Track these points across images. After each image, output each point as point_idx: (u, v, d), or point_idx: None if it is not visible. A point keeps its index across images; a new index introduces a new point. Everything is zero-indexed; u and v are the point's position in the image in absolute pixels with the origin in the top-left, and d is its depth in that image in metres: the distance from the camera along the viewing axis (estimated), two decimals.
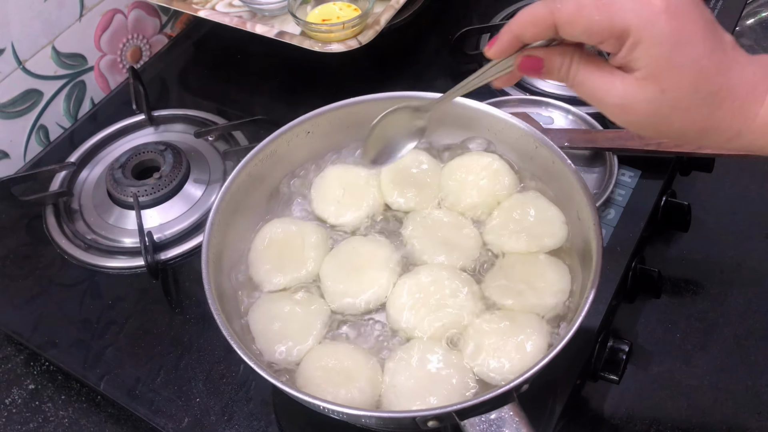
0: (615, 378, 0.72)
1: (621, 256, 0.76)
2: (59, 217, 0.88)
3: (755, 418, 0.74)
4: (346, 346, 0.63)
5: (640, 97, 0.44)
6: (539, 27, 0.46)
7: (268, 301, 0.65)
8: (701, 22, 0.44)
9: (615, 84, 0.45)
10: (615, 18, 0.43)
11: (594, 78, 0.46)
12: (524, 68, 0.49)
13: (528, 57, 0.49)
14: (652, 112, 0.45)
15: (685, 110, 0.44)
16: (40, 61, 0.96)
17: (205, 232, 0.63)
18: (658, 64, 0.43)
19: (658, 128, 0.46)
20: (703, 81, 0.44)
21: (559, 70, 0.48)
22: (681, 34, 0.43)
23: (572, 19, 0.45)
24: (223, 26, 0.95)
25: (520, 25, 0.47)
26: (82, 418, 0.76)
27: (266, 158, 0.70)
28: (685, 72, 0.43)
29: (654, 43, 0.43)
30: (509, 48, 0.49)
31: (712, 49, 0.44)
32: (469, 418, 0.51)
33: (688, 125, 0.45)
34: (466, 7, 1.11)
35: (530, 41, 0.48)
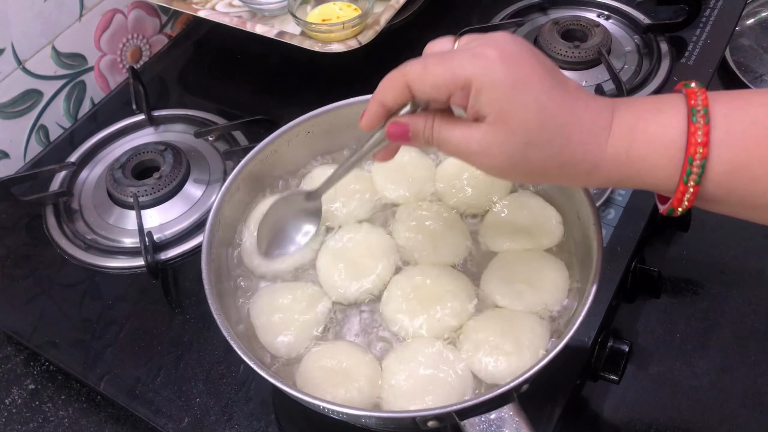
0: (615, 378, 0.72)
1: (621, 256, 0.76)
2: (59, 217, 0.88)
3: (755, 418, 0.74)
4: (346, 344, 0.63)
5: (495, 140, 0.47)
6: (396, 89, 0.50)
7: (269, 293, 0.66)
8: (538, 66, 0.47)
9: (472, 133, 0.48)
10: (456, 70, 0.47)
11: (454, 132, 0.49)
12: (392, 135, 0.52)
13: (393, 123, 0.52)
14: (509, 152, 0.47)
15: (537, 146, 0.47)
16: (40, 61, 0.96)
17: (205, 232, 0.63)
18: (502, 106, 0.46)
19: (520, 168, 0.48)
20: (547, 116, 0.46)
21: (423, 131, 0.51)
22: (517, 76, 0.46)
23: (420, 77, 0.49)
24: (223, 26, 0.95)
25: (380, 92, 0.52)
26: (82, 418, 0.76)
27: (266, 158, 0.70)
28: (529, 109, 0.46)
29: (494, 87, 0.46)
30: (377, 117, 0.53)
31: (551, 86, 0.47)
32: (469, 418, 0.51)
33: (546, 161, 0.47)
34: (466, 7, 1.11)
35: (392, 105, 0.52)
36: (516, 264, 0.65)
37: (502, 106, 0.46)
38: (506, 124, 0.46)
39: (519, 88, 0.46)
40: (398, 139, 0.53)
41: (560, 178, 0.49)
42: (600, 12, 1.06)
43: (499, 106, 0.46)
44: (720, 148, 0.44)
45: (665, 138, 0.46)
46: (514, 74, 0.46)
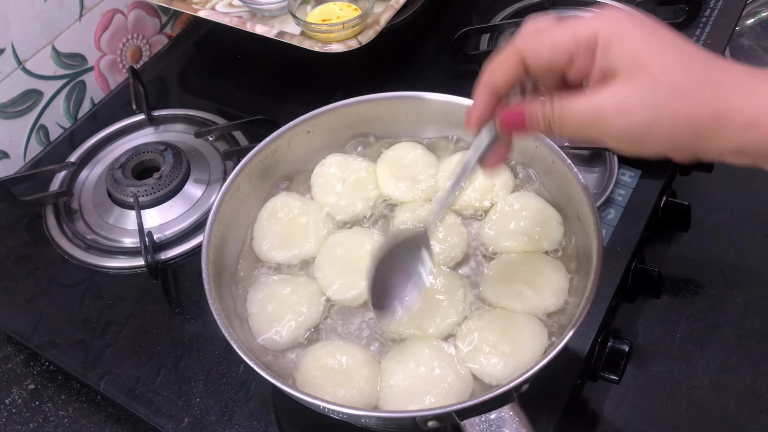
0: (615, 378, 0.72)
1: (621, 256, 0.76)
2: (59, 217, 0.88)
3: (755, 418, 0.74)
4: (346, 344, 0.63)
5: (633, 93, 0.41)
6: (507, 65, 0.45)
7: (267, 285, 0.66)
8: (662, 25, 0.43)
9: (601, 95, 0.42)
10: (577, 29, 0.43)
11: (578, 104, 0.43)
12: (507, 124, 0.47)
13: (506, 111, 0.47)
14: (652, 105, 0.41)
15: (684, 93, 0.41)
16: (40, 61, 0.96)
17: (205, 232, 0.63)
18: (638, 54, 0.41)
19: (666, 123, 0.41)
20: (691, 58, 0.41)
21: (543, 114, 0.45)
22: (647, 26, 0.42)
23: (536, 44, 0.44)
24: (223, 26, 0.95)
25: (488, 74, 0.46)
26: (82, 418, 0.76)
27: (266, 158, 0.71)
28: (668, 52, 0.41)
29: (625, 36, 0.41)
30: (487, 107, 0.47)
31: (684, 40, 0.42)
32: (469, 418, 0.51)
33: (697, 109, 0.41)
34: (466, 7, 1.11)
35: (503, 87, 0.46)
36: (515, 265, 0.65)
37: (638, 53, 0.41)
38: (645, 72, 0.41)
39: (653, 35, 0.41)
40: (515, 127, 0.46)
41: (711, 136, 0.41)
42: None
43: (635, 54, 0.41)
44: None
45: None
46: (643, 25, 0.42)
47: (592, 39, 0.42)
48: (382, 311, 0.58)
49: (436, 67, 1.02)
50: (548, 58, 0.44)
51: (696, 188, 0.93)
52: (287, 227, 0.69)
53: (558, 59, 0.43)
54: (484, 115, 0.48)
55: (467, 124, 0.49)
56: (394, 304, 0.58)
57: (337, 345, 0.63)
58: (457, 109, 0.72)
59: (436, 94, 0.72)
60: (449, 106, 0.72)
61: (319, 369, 0.60)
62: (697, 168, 0.90)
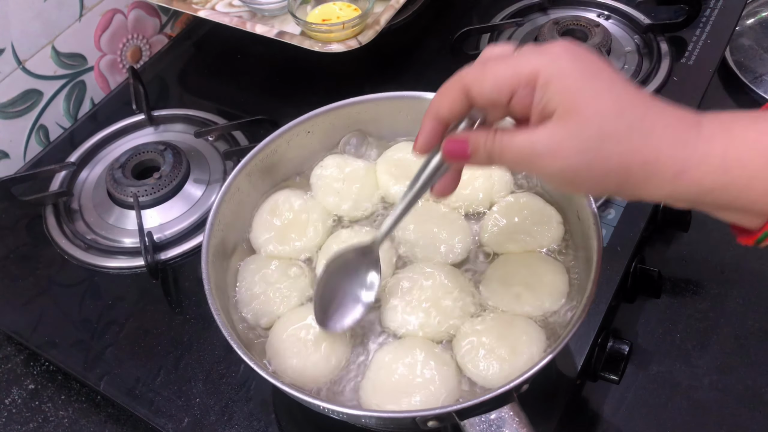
0: (615, 378, 0.72)
1: (621, 256, 0.76)
2: (59, 217, 0.88)
3: (755, 418, 0.74)
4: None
5: (566, 135, 0.42)
6: (451, 97, 0.46)
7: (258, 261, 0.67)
8: (606, 64, 0.43)
9: (538, 133, 0.43)
10: (519, 66, 0.43)
11: (516, 138, 0.44)
12: (450, 152, 0.48)
13: (450, 140, 0.48)
14: (582, 147, 0.42)
15: (615, 139, 0.41)
16: (40, 61, 0.96)
17: (205, 232, 0.63)
18: (573, 96, 0.41)
19: (596, 167, 0.42)
20: (625, 105, 0.42)
21: (484, 144, 0.46)
22: (587, 67, 0.42)
23: (479, 77, 0.44)
24: (223, 26, 0.95)
25: (434, 104, 0.47)
26: (82, 418, 0.76)
27: (266, 158, 0.70)
28: (603, 97, 0.42)
29: (563, 77, 0.42)
30: (433, 135, 0.48)
31: (624, 82, 0.43)
32: (469, 418, 0.51)
33: (626, 156, 0.41)
34: (466, 7, 1.11)
35: (449, 117, 0.47)
36: (516, 266, 0.65)
37: (574, 95, 0.41)
38: (578, 115, 0.41)
39: (590, 78, 0.42)
40: (457, 157, 0.48)
41: (641, 183, 0.42)
42: (600, 12, 1.06)
43: (571, 95, 0.41)
44: None
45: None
46: (584, 66, 0.42)
47: (533, 77, 0.42)
48: (324, 327, 0.61)
49: (436, 67, 1.02)
50: (489, 93, 0.44)
51: None
52: (287, 223, 0.69)
53: (499, 94, 0.44)
54: (429, 142, 0.49)
55: (413, 149, 0.50)
56: (334, 320, 0.61)
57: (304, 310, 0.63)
58: None
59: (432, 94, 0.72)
60: None
61: (288, 337, 0.61)
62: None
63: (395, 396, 0.58)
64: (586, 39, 0.97)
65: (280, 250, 0.68)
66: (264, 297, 0.65)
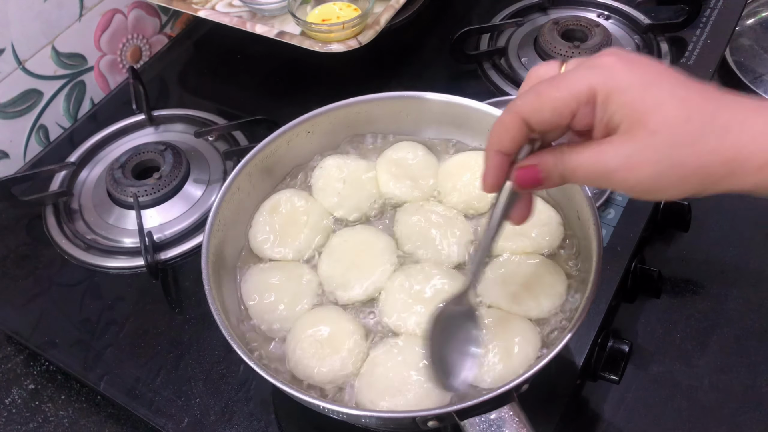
0: (615, 378, 0.72)
1: (621, 256, 0.76)
2: (59, 217, 0.88)
3: (755, 418, 0.74)
4: (332, 311, 0.63)
5: (634, 149, 0.41)
6: (512, 130, 0.45)
7: (260, 272, 0.67)
8: (662, 66, 0.43)
9: (605, 149, 0.42)
10: (575, 87, 0.42)
11: (586, 155, 0.43)
12: (523, 181, 0.47)
13: (520, 169, 0.47)
14: (654, 159, 0.41)
15: (688, 145, 0.40)
16: (40, 61, 0.96)
17: (205, 232, 0.63)
18: (636, 108, 0.41)
19: (672, 176, 0.41)
20: (691, 107, 0.41)
21: (554, 167, 0.45)
22: (645, 75, 0.42)
23: (536, 106, 0.44)
24: (223, 26, 0.95)
25: (494, 139, 0.47)
26: (82, 418, 0.76)
27: (266, 158, 0.70)
28: (667, 104, 0.41)
29: (622, 90, 0.41)
30: (499, 170, 0.47)
31: (685, 81, 0.42)
32: (469, 418, 0.51)
33: (704, 159, 0.41)
34: (466, 7, 1.11)
35: (512, 149, 0.47)
36: (513, 267, 0.65)
37: (636, 107, 0.41)
38: (644, 127, 0.40)
39: (650, 85, 0.41)
40: (530, 184, 0.47)
41: (723, 180, 0.42)
42: (600, 12, 1.06)
43: (633, 108, 0.41)
44: None
45: None
46: (641, 74, 0.41)
47: (591, 95, 0.42)
48: (447, 387, 0.56)
49: (436, 67, 1.02)
50: (550, 119, 0.44)
51: None
52: (287, 223, 0.69)
53: (560, 119, 0.44)
54: (499, 179, 0.48)
55: (483, 190, 0.49)
56: (452, 379, 0.55)
57: (323, 312, 0.63)
58: (458, 110, 0.72)
59: (436, 94, 0.72)
60: (449, 106, 0.72)
61: (307, 338, 0.61)
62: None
63: (389, 393, 0.58)
64: (586, 39, 0.97)
65: (280, 250, 0.68)
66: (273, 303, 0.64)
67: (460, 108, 0.72)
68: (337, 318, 0.63)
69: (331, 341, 0.61)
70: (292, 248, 0.68)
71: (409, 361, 0.59)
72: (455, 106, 0.72)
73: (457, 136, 0.75)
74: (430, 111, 0.73)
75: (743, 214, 0.91)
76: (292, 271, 0.67)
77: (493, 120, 0.70)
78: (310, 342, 0.61)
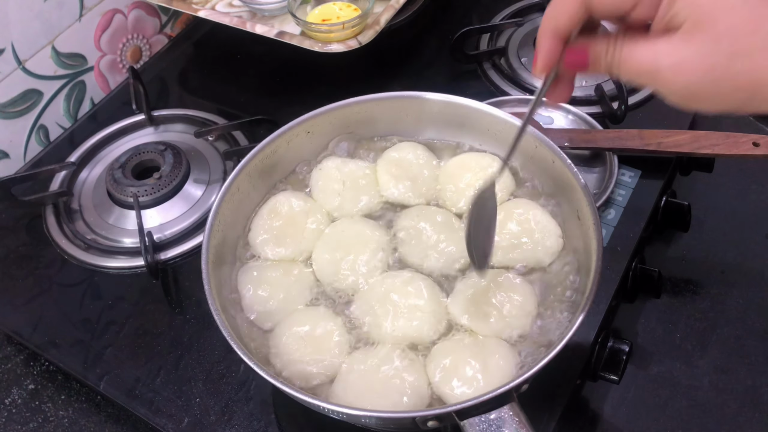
0: (615, 378, 0.72)
1: (621, 256, 0.76)
2: (59, 217, 0.88)
3: (755, 418, 0.74)
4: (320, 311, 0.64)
5: (692, 51, 0.40)
6: (570, 9, 0.44)
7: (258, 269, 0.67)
8: None
9: (661, 47, 0.41)
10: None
11: (638, 49, 0.42)
12: (570, 62, 0.46)
13: (571, 49, 0.46)
14: (710, 65, 0.39)
15: (747, 57, 0.39)
16: (40, 61, 0.96)
17: (205, 232, 0.63)
18: (703, 9, 0.39)
19: (722, 86, 0.40)
20: (760, 20, 0.39)
21: (605, 54, 0.44)
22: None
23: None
24: (223, 26, 0.95)
25: (550, 17, 0.45)
26: (82, 418, 0.76)
27: (266, 158, 0.71)
28: (737, 10, 0.39)
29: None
30: (552, 51, 0.46)
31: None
32: (468, 418, 0.51)
33: (758, 75, 0.39)
34: (466, 7, 1.11)
35: (567, 28, 0.45)
36: (485, 286, 0.64)
37: (704, 8, 0.39)
38: (708, 30, 0.39)
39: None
40: (577, 65, 0.46)
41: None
42: None
43: (700, 8, 0.39)
44: None
45: None
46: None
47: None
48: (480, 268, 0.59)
49: (436, 67, 1.02)
50: (612, 1, 0.43)
51: (696, 188, 0.93)
52: (286, 224, 0.69)
53: (622, 3, 0.42)
54: (551, 60, 0.47)
55: (533, 71, 0.49)
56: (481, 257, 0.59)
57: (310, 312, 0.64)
58: (458, 110, 0.72)
59: (436, 94, 0.72)
60: (449, 106, 0.72)
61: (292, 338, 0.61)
62: (697, 168, 0.90)
63: (365, 398, 0.58)
64: None
65: (279, 251, 0.68)
66: (268, 299, 0.65)
67: (460, 108, 0.72)
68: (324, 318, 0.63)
69: (314, 340, 0.61)
70: (292, 249, 0.68)
71: (385, 368, 0.59)
72: (455, 106, 0.72)
73: (457, 136, 0.75)
74: (430, 111, 0.73)
75: (743, 214, 0.91)
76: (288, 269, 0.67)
77: (494, 120, 0.71)
78: (294, 338, 0.61)
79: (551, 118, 0.91)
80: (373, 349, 0.61)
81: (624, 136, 0.83)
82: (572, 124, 0.90)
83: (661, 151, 0.81)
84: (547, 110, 0.91)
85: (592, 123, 0.88)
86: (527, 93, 0.94)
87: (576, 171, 0.64)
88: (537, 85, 0.95)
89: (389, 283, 0.65)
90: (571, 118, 0.90)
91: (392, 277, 0.65)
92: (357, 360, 0.61)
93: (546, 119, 0.90)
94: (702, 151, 0.80)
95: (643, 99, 0.93)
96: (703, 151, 0.80)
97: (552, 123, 0.90)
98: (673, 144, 0.81)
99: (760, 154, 0.79)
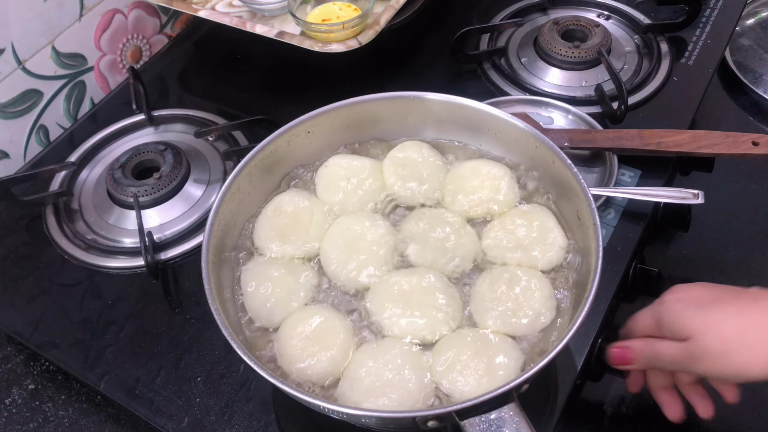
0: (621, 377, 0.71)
1: (621, 256, 0.76)
2: (59, 217, 0.88)
3: (755, 418, 0.74)
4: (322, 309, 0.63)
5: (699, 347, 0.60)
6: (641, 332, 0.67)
7: (261, 265, 0.67)
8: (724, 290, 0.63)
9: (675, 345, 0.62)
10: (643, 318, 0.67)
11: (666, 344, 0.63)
12: (615, 359, 0.67)
13: (616, 347, 0.67)
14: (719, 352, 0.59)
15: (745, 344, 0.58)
16: (40, 61, 0.96)
17: (205, 232, 0.63)
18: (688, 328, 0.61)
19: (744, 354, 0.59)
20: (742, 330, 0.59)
21: (643, 348, 0.65)
22: (701, 302, 0.62)
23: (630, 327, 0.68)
24: (223, 26, 0.95)
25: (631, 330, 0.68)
26: (82, 418, 0.76)
27: (266, 158, 0.70)
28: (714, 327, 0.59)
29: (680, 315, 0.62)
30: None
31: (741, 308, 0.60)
32: (469, 418, 0.51)
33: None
34: (466, 7, 1.11)
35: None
36: (503, 282, 0.64)
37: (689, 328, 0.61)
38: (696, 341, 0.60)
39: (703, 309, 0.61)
40: (620, 363, 0.66)
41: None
42: (600, 12, 1.06)
43: (687, 329, 0.61)
44: None
45: None
46: (697, 302, 0.62)
47: (659, 320, 0.64)
48: None
49: (436, 67, 1.02)
50: (641, 329, 0.66)
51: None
52: (290, 223, 0.69)
53: (645, 333, 0.66)
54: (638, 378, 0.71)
55: (629, 389, 0.71)
56: None
57: (314, 309, 0.63)
58: (457, 110, 0.72)
59: (436, 94, 0.72)
60: (449, 106, 0.72)
61: (296, 336, 0.61)
62: (697, 168, 0.90)
63: (372, 395, 0.58)
64: (586, 39, 0.97)
65: (284, 250, 0.68)
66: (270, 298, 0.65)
67: (460, 108, 0.72)
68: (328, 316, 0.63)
69: (319, 338, 0.61)
70: (296, 247, 0.68)
71: (391, 363, 0.59)
72: (455, 106, 0.72)
73: (457, 136, 0.75)
74: (430, 111, 0.73)
75: (743, 214, 0.91)
76: (291, 267, 0.67)
77: (494, 120, 0.71)
78: (298, 337, 0.61)
79: (551, 118, 0.91)
80: (381, 347, 0.61)
81: (624, 136, 0.83)
82: (572, 124, 0.90)
83: (661, 151, 0.81)
84: (547, 110, 0.91)
85: (592, 123, 0.88)
86: (527, 93, 0.94)
87: (576, 171, 0.64)
88: (537, 86, 0.95)
89: (400, 280, 0.64)
90: (571, 118, 0.90)
91: (406, 275, 0.65)
92: (364, 358, 0.60)
93: (546, 119, 0.90)
94: (702, 150, 0.80)
95: (643, 99, 0.93)
96: (703, 150, 0.80)
97: (552, 123, 0.90)
98: (673, 144, 0.81)
99: (759, 154, 0.79)
